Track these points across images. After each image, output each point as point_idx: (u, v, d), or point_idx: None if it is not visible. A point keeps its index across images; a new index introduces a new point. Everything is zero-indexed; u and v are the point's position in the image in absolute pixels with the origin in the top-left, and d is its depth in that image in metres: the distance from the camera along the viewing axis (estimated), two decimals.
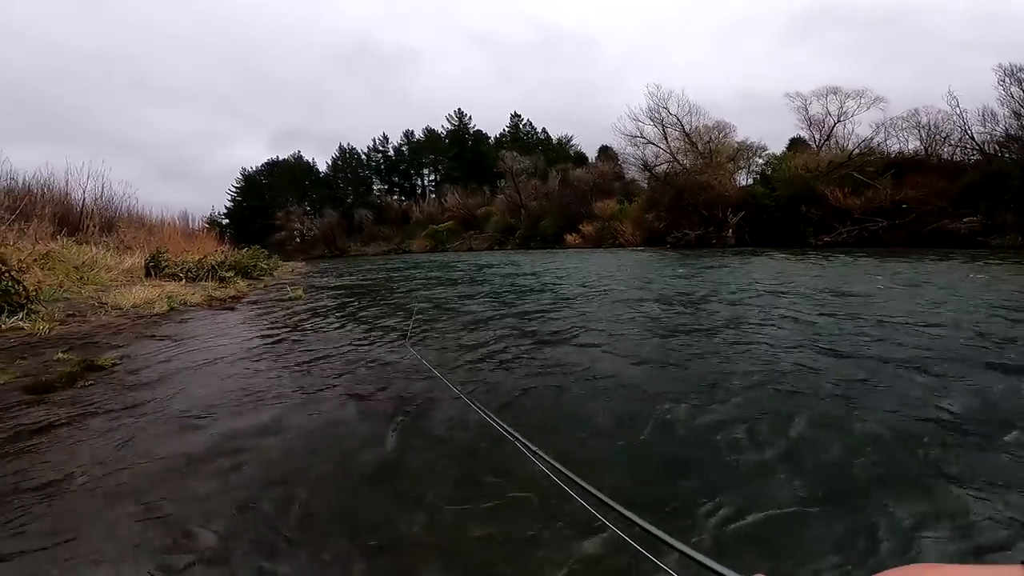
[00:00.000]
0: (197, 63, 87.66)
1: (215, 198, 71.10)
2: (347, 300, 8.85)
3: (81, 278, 8.02)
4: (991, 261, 9.75)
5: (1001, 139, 16.41)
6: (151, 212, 15.68)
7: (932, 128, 18.88)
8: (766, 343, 4.09)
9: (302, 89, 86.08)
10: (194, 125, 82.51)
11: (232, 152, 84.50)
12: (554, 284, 9.52)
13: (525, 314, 6.13)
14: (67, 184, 12.20)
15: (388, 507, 1.92)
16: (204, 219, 27.55)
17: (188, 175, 74.06)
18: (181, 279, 9.91)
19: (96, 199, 12.94)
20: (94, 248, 10.00)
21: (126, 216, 14.23)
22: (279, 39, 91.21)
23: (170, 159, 77.15)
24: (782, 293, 6.81)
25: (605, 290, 8.09)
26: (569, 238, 29.92)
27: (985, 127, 16.92)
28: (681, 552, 0.74)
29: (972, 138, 17.38)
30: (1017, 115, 15.69)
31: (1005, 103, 16.08)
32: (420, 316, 6.41)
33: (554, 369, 3.68)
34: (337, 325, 6.16)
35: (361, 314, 7.07)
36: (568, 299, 7.26)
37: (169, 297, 7.57)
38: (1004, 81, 16.00)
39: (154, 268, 10.07)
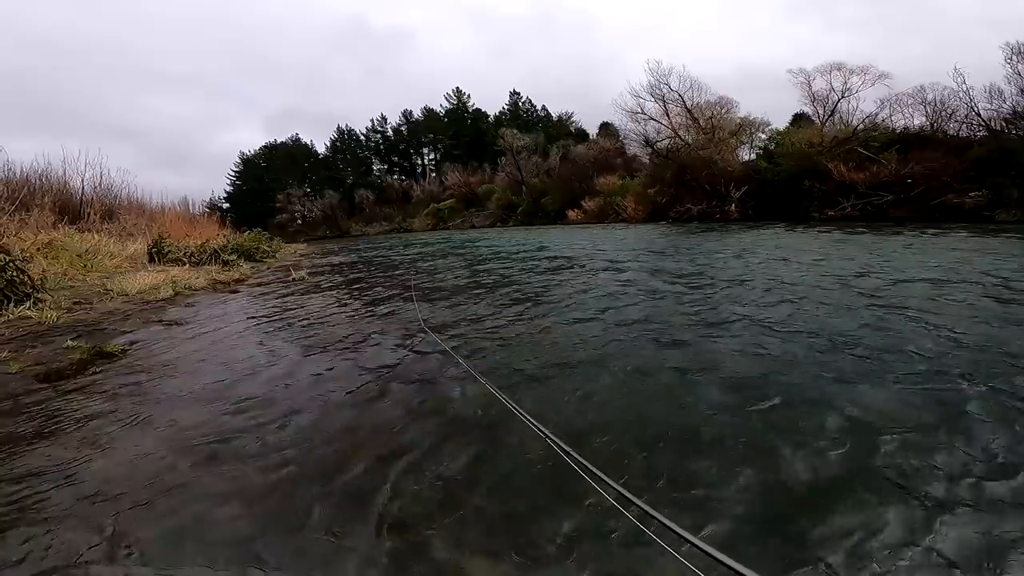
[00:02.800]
0: (191, 47, 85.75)
1: (214, 182, 70.70)
2: (349, 278, 8.94)
3: (85, 266, 8.08)
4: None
5: (1008, 116, 16.25)
6: (151, 198, 15.69)
7: (938, 104, 18.60)
8: None
9: (297, 71, 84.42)
10: (190, 110, 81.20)
11: (229, 136, 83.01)
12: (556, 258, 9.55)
13: (527, 288, 6.19)
14: (65, 173, 12.17)
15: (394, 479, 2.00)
16: (205, 204, 27.54)
17: (186, 160, 73.29)
18: (184, 264, 9.96)
19: (95, 187, 12.92)
20: (96, 236, 10.03)
21: (126, 203, 14.21)
22: (272, 20, 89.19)
23: (168, 145, 76.22)
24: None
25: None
26: (571, 214, 29.78)
27: (992, 104, 16.74)
28: (695, 545, 0.74)
29: (979, 115, 17.17)
30: None
31: (1012, 81, 15.99)
32: (419, 291, 6.52)
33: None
34: (341, 303, 6.24)
35: (364, 292, 7.15)
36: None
37: (174, 282, 7.63)
38: (1012, 59, 15.91)
39: (157, 254, 10.12)
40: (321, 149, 59.45)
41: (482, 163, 48.92)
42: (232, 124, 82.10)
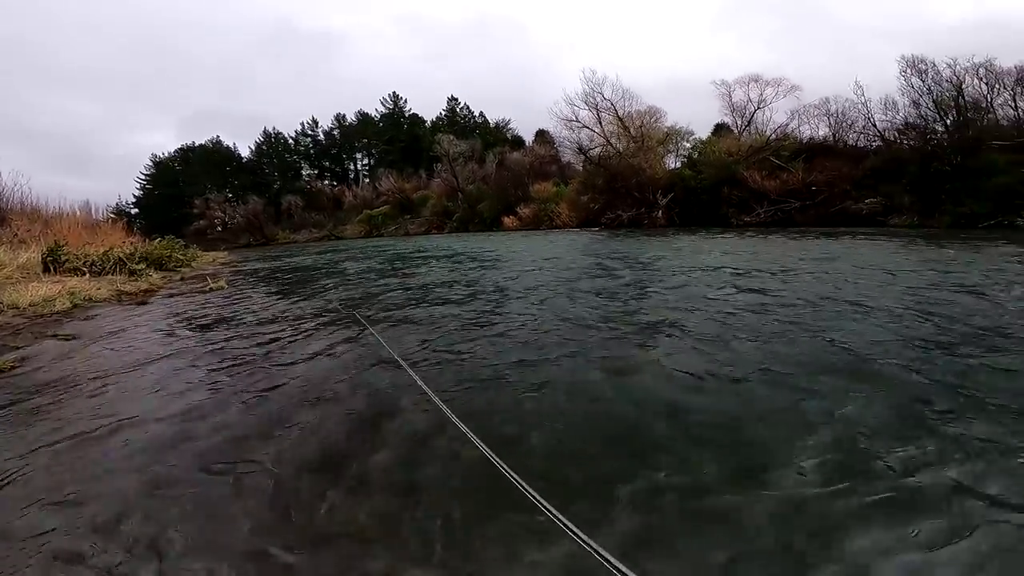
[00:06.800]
0: (98, 45, 79.17)
1: (122, 187, 64.95)
2: (272, 288, 8.46)
3: None
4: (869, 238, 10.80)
5: (900, 127, 17.86)
6: (47, 203, 14.22)
7: (840, 115, 20.32)
8: None
9: (219, 72, 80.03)
10: (95, 110, 74.75)
11: (139, 138, 76.78)
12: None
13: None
14: None
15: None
16: (110, 209, 25.28)
17: (89, 163, 67.36)
18: (84, 273, 9.08)
19: None
20: None
21: (18, 208, 12.93)
22: (189, 19, 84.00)
23: (68, 147, 69.57)
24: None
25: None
26: (507, 221, 29.97)
27: (887, 115, 18.38)
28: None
29: (874, 125, 18.91)
30: (916, 104, 17.15)
31: (905, 92, 17.48)
32: (341, 293, 6.30)
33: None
34: (261, 314, 5.87)
35: (287, 302, 6.77)
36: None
37: (71, 293, 6.94)
38: (906, 72, 17.31)
39: (52, 263, 9.17)
40: (245, 152, 56.44)
41: (418, 169, 48.28)
42: (144, 125, 76.47)
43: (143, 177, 54.16)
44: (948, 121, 16.51)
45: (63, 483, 2.08)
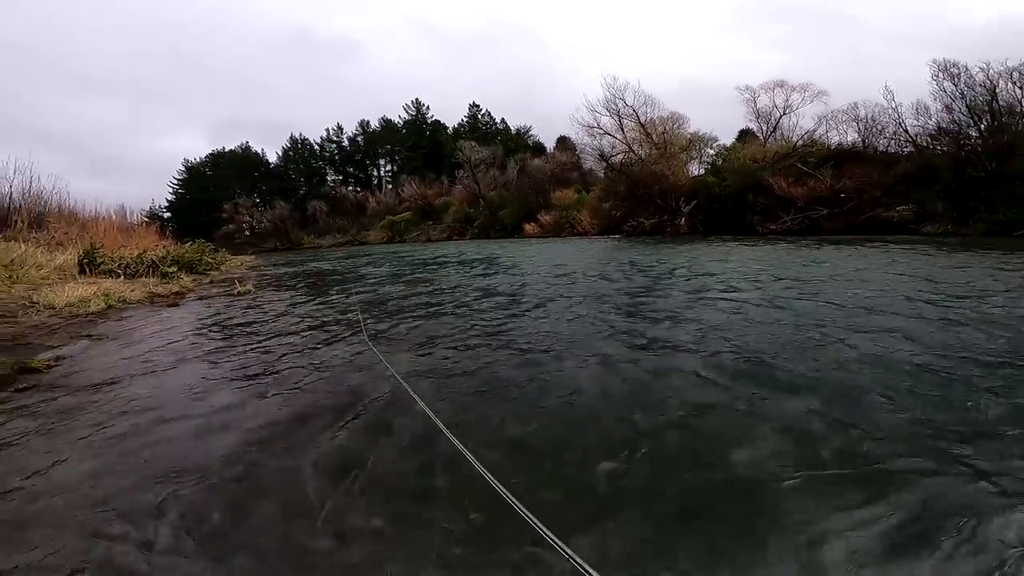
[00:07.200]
0: (128, 53, 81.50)
1: (155, 191, 66.80)
2: (298, 294, 8.63)
3: (11, 277, 7.54)
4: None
5: (933, 132, 17.22)
6: (84, 206, 14.76)
7: (869, 121, 19.74)
8: None
9: (246, 79, 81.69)
10: (128, 116, 77.09)
11: (172, 143, 78.41)
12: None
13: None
14: None
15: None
16: (143, 213, 26.16)
17: (123, 168, 69.13)
18: (119, 276, 9.42)
19: (24, 193, 12.13)
20: (23, 245, 9.38)
21: (57, 211, 13.40)
22: (217, 27, 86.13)
23: (103, 151, 71.76)
24: None
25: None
26: (528, 227, 30.00)
27: (918, 120, 17.75)
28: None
29: (906, 131, 18.28)
30: (948, 109, 16.51)
31: (937, 97, 16.83)
32: (367, 310, 6.39)
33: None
34: (287, 319, 5.99)
35: (308, 307, 6.90)
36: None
37: (106, 295, 7.18)
38: (938, 76, 16.65)
39: (88, 264, 9.54)
40: (272, 158, 57.77)
41: (440, 175, 48.72)
42: (177, 131, 78.57)
43: (176, 181, 55.83)
44: (982, 126, 15.95)
45: (90, 476, 2.18)
